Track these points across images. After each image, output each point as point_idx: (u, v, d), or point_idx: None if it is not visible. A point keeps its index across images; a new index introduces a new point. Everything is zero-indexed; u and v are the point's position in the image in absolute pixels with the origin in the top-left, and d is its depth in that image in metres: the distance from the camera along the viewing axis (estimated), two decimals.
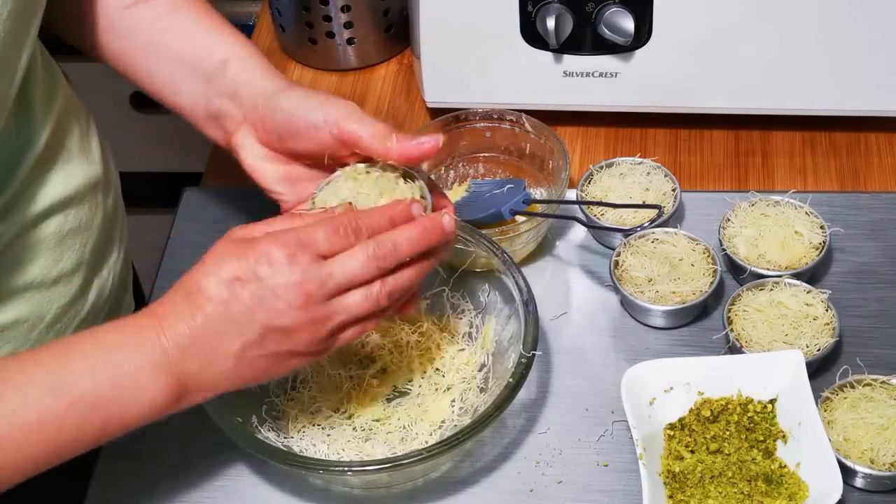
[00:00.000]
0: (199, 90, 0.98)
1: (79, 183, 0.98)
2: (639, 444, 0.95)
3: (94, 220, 1.00)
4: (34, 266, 0.95)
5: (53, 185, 0.95)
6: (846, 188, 1.20)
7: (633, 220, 1.12)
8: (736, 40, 1.16)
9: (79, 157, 0.99)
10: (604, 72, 1.20)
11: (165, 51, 0.99)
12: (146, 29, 0.99)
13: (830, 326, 1.02)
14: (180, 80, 0.99)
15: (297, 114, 0.92)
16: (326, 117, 0.91)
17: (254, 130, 0.95)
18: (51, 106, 0.96)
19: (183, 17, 1.00)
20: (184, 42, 0.99)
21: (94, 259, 1.01)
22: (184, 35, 0.99)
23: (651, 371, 0.99)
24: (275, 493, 0.99)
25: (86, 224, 0.99)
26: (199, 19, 1.00)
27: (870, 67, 1.17)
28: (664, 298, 1.06)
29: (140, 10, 0.99)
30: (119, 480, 1.00)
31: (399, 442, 0.99)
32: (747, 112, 1.23)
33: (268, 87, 0.95)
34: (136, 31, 0.99)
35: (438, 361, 1.04)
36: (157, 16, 0.99)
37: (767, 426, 0.98)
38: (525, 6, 1.16)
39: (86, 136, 1.01)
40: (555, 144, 1.14)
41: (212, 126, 0.98)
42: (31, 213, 0.94)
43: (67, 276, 0.98)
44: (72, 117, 1.00)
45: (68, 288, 0.98)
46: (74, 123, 1.00)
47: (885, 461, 0.94)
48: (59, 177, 0.96)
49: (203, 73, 0.97)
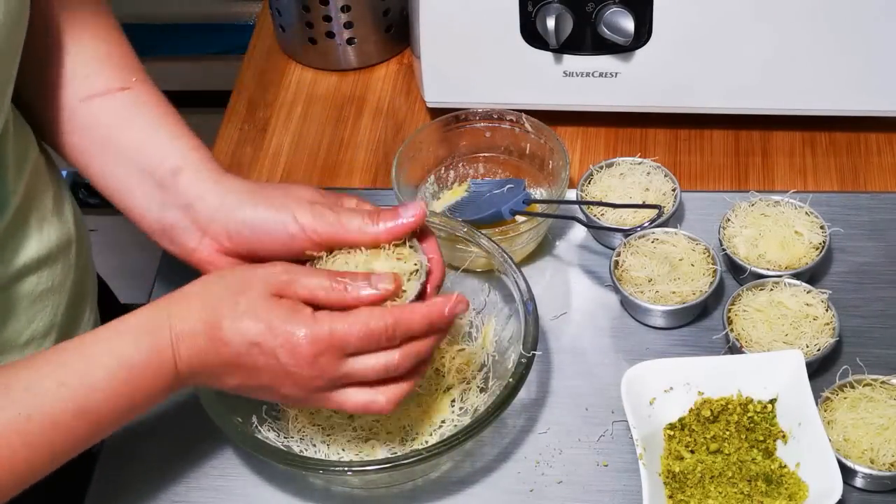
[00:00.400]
0: (152, 198, 0.95)
1: (52, 244, 0.97)
2: (639, 444, 0.95)
3: (66, 281, 0.99)
4: (6, 328, 0.94)
5: (27, 246, 0.95)
6: (846, 188, 1.20)
7: (633, 220, 1.12)
8: (736, 40, 1.16)
9: (51, 218, 0.98)
10: (604, 72, 1.20)
11: (119, 151, 0.96)
12: (103, 124, 0.96)
13: (830, 326, 1.02)
14: (133, 186, 0.95)
15: (268, 227, 0.90)
16: (304, 225, 0.89)
17: (215, 244, 0.93)
18: (22, 169, 0.95)
19: (140, 114, 0.96)
20: (138, 144, 0.95)
21: (66, 321, 1.00)
22: (139, 137, 0.96)
23: (651, 371, 0.99)
24: (275, 493, 0.99)
25: (59, 285, 0.98)
26: (156, 120, 0.97)
27: (870, 67, 1.17)
28: (664, 298, 1.06)
29: (98, 104, 0.96)
30: (119, 480, 1.00)
31: (399, 442, 0.99)
32: (747, 112, 1.23)
33: (226, 202, 0.92)
34: (93, 127, 0.96)
35: (438, 361, 1.04)
36: (114, 111, 0.96)
37: (767, 426, 0.98)
38: (525, 6, 1.16)
39: (58, 196, 1.00)
40: (555, 144, 1.14)
41: (165, 239, 0.96)
42: (4, 276, 0.93)
43: (39, 339, 0.97)
44: (43, 179, 0.98)
45: (43, 346, 0.97)
46: (47, 185, 0.99)
47: (885, 461, 0.94)
48: (33, 238, 0.95)
49: (155, 181, 0.94)
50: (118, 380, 0.82)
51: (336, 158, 1.27)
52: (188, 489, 0.99)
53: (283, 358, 0.84)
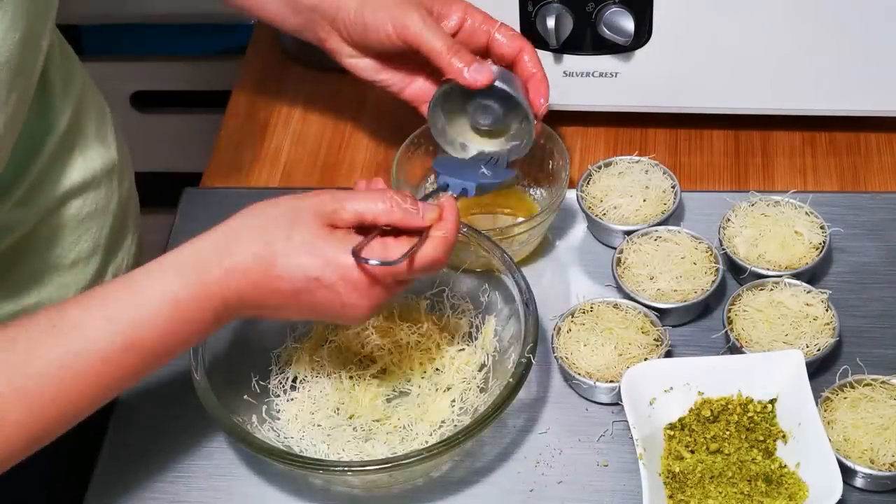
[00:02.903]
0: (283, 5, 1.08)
1: (97, 167, 1.00)
2: (639, 444, 0.95)
3: (110, 205, 1.03)
4: (54, 250, 0.98)
5: (73, 169, 0.98)
6: (846, 188, 1.20)
7: (635, 218, 1.12)
8: (736, 40, 1.16)
9: (96, 143, 1.01)
10: (604, 72, 1.20)
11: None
12: None
13: (830, 326, 1.02)
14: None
15: (377, 28, 1.03)
16: (407, 36, 1.01)
17: (339, 35, 1.06)
18: (69, 92, 0.98)
19: None
20: None
21: (109, 243, 1.03)
22: None
23: (651, 371, 0.99)
24: (275, 493, 0.99)
25: (102, 208, 1.01)
26: None
27: (870, 67, 1.17)
28: (665, 296, 1.06)
29: None
30: (119, 480, 1.00)
31: (399, 442, 0.99)
32: (747, 112, 1.23)
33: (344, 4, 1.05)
34: None
35: (438, 361, 1.04)
36: None
37: (767, 426, 0.98)
38: (525, 6, 1.16)
39: (102, 122, 1.04)
40: (555, 144, 1.14)
41: (307, 32, 1.09)
42: (52, 198, 0.96)
43: (85, 259, 1.00)
44: (89, 104, 1.02)
45: (86, 271, 1.01)
46: (91, 110, 1.02)
47: (885, 461, 0.94)
48: (78, 162, 0.98)
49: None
50: (164, 315, 0.84)
51: (336, 158, 1.27)
52: (188, 489, 0.99)
53: (343, 290, 0.87)
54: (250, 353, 1.02)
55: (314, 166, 1.26)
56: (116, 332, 0.83)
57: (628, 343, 1.02)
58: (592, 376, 1.01)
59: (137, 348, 0.84)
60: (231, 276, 0.86)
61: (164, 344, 0.85)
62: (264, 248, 0.86)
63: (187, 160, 1.80)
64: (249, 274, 0.86)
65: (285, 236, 0.87)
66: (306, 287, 0.87)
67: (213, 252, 0.87)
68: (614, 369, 1.01)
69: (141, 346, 0.84)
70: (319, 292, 0.87)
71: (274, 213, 0.88)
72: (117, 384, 0.85)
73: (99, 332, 0.83)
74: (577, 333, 1.03)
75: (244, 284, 0.86)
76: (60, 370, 0.81)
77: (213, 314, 0.87)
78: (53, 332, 0.82)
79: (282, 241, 0.87)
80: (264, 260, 0.86)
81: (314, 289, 0.87)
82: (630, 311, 1.05)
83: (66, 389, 0.82)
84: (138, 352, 0.84)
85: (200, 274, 0.86)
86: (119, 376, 0.85)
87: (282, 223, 0.87)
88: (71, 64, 1.01)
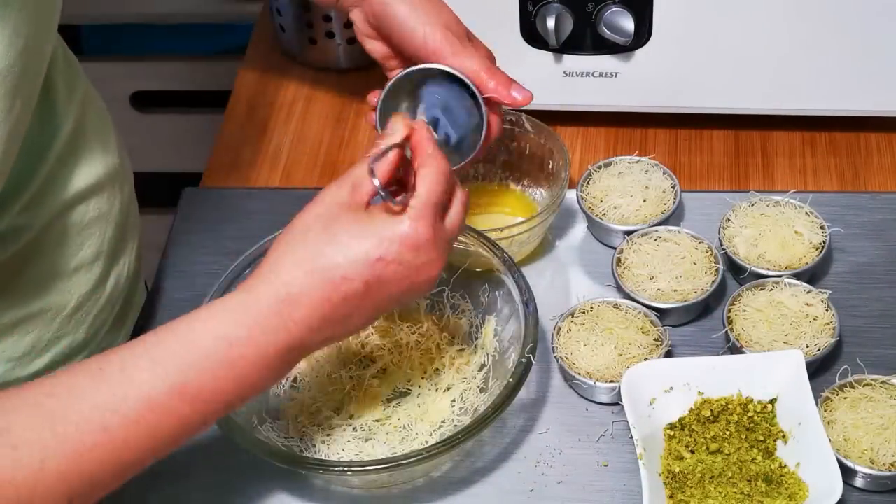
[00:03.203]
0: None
1: (100, 173, 1.00)
2: (639, 444, 0.95)
3: (112, 210, 1.02)
4: (58, 256, 0.97)
5: (77, 175, 0.98)
6: (846, 188, 1.20)
7: (635, 218, 1.12)
8: (736, 40, 1.16)
9: (99, 148, 1.01)
10: (604, 72, 1.20)
11: None
12: None
13: (830, 326, 1.02)
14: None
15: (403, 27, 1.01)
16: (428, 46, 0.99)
17: (364, 14, 1.04)
18: (72, 98, 0.98)
19: None
20: None
21: (112, 249, 1.03)
22: None
23: (651, 371, 0.99)
24: (275, 493, 0.99)
25: (105, 214, 1.01)
26: None
27: (870, 67, 1.17)
28: (665, 296, 1.06)
29: None
30: None
31: (399, 442, 0.99)
32: (747, 112, 1.23)
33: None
34: None
35: (438, 361, 1.04)
36: None
37: (767, 426, 0.98)
38: (525, 6, 1.16)
39: (105, 127, 1.04)
40: (555, 144, 1.14)
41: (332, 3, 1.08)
42: (56, 204, 0.96)
43: (88, 265, 1.00)
44: (91, 109, 1.02)
45: (88, 277, 1.00)
46: (94, 115, 1.02)
47: (885, 461, 0.94)
48: (82, 167, 0.98)
49: None
50: (216, 357, 0.80)
51: (336, 158, 1.27)
52: (188, 489, 0.99)
53: (409, 255, 0.84)
54: None
55: (314, 166, 1.26)
56: (163, 376, 0.78)
57: (628, 343, 1.02)
58: (592, 376, 1.01)
59: (188, 393, 0.79)
60: (292, 306, 0.82)
61: (217, 389, 0.80)
62: (317, 260, 0.83)
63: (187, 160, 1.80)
64: (312, 295, 0.82)
65: (328, 239, 0.83)
66: (373, 274, 0.83)
67: (263, 286, 0.82)
68: (614, 369, 1.01)
69: (191, 390, 0.79)
70: (388, 271, 0.83)
71: (302, 230, 0.85)
72: (167, 434, 0.80)
73: (145, 374, 0.78)
74: (577, 333, 1.03)
75: (309, 310, 0.82)
76: (104, 415, 0.76)
77: (274, 352, 0.82)
78: (101, 376, 0.78)
79: (329, 246, 0.83)
80: (322, 271, 0.82)
81: (381, 271, 0.83)
82: (630, 311, 1.05)
83: (111, 437, 0.76)
84: (190, 398, 0.79)
85: (252, 310, 0.81)
86: (169, 424, 0.79)
87: (317, 231, 0.84)
88: (73, 69, 1.01)
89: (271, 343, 0.82)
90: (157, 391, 0.78)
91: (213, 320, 0.81)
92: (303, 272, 0.82)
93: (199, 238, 1.18)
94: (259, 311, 0.82)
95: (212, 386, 0.80)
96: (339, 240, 0.83)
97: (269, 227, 1.04)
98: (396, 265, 0.84)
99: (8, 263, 0.93)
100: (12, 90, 0.82)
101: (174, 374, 0.79)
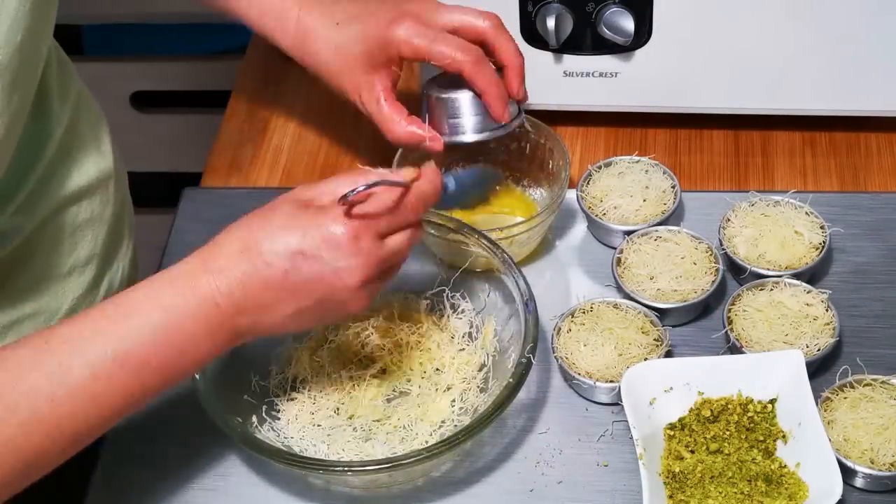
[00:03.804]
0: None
1: (92, 175, 1.00)
2: (639, 444, 0.95)
3: (105, 212, 1.02)
4: (51, 258, 0.97)
5: (70, 177, 0.98)
6: (846, 188, 1.20)
7: (635, 218, 1.12)
8: (736, 40, 1.16)
9: (92, 150, 1.01)
10: (604, 72, 1.20)
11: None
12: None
13: (830, 326, 1.02)
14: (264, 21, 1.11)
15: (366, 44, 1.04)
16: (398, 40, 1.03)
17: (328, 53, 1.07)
18: (65, 100, 0.98)
19: None
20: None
21: (105, 251, 1.03)
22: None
23: (651, 371, 0.99)
24: (275, 493, 0.99)
25: (98, 216, 1.01)
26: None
27: (870, 67, 1.17)
28: (665, 296, 1.06)
29: None
30: (119, 481, 1.00)
31: (399, 442, 0.99)
32: (747, 112, 1.23)
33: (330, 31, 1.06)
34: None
35: (438, 361, 1.04)
36: None
37: (767, 426, 0.98)
38: (525, 6, 1.16)
39: (98, 129, 1.04)
40: (555, 144, 1.14)
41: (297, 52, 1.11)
42: (49, 205, 0.96)
43: (81, 268, 1.00)
44: (85, 111, 1.02)
45: (82, 280, 1.00)
46: (88, 117, 1.02)
47: (885, 461, 0.94)
48: (75, 169, 0.98)
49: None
50: (153, 325, 0.83)
51: (336, 158, 1.27)
52: (188, 489, 0.99)
53: (327, 254, 0.85)
54: (250, 353, 1.02)
55: (314, 166, 1.26)
56: (105, 344, 0.81)
57: (628, 343, 1.02)
58: (592, 376, 1.01)
59: (129, 362, 0.82)
60: (218, 276, 0.84)
61: (157, 357, 0.83)
62: (247, 238, 0.85)
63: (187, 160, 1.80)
64: (236, 268, 0.84)
65: (264, 223, 0.86)
66: (293, 265, 0.85)
67: (198, 260, 0.86)
68: (614, 369, 1.01)
69: (133, 358, 0.82)
70: (305, 267, 0.85)
71: (251, 214, 0.88)
72: (112, 403, 0.82)
73: (87, 344, 0.81)
74: (577, 333, 1.03)
75: (233, 283, 0.84)
76: (50, 385, 0.79)
77: (205, 323, 0.84)
78: (45, 349, 0.80)
79: (262, 228, 0.86)
80: (248, 248, 0.85)
81: (300, 263, 0.85)
82: (630, 311, 1.05)
83: (57, 406, 0.79)
84: (131, 366, 0.82)
85: (187, 280, 0.84)
86: (113, 394, 0.82)
87: (259, 215, 0.87)
88: (67, 72, 1.01)
89: (202, 316, 0.84)
90: (100, 360, 0.81)
91: (152, 291, 0.84)
92: (234, 249, 0.85)
93: (199, 238, 1.17)
94: (192, 281, 0.84)
95: (153, 352, 0.83)
96: (271, 227, 0.86)
97: None
98: (314, 261, 0.85)
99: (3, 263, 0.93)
100: (10, 85, 0.82)
101: (116, 343, 0.81)
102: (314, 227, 0.85)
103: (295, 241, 0.85)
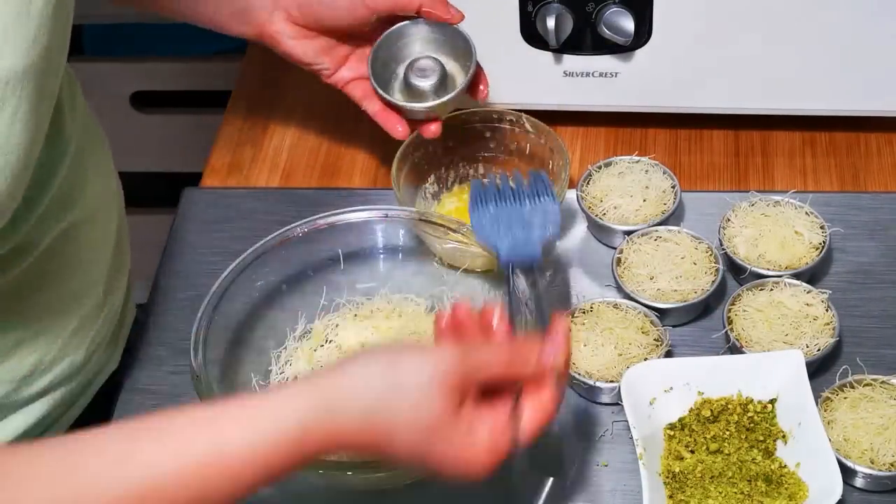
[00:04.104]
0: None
1: (100, 193, 0.99)
2: (639, 444, 0.95)
3: (111, 230, 1.02)
4: (63, 275, 0.96)
5: (79, 198, 0.96)
6: (846, 188, 1.20)
7: (635, 218, 1.12)
8: (736, 40, 1.16)
9: (100, 168, 1.00)
10: (604, 72, 1.20)
11: None
12: None
13: (830, 326, 1.02)
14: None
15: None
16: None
17: (286, 14, 1.07)
18: (75, 117, 0.97)
19: None
20: None
21: (112, 267, 1.02)
22: None
23: (651, 371, 0.99)
24: (275, 493, 0.99)
25: (106, 234, 1.01)
26: None
27: (870, 67, 1.17)
28: (665, 296, 1.06)
29: None
30: None
31: None
32: (747, 112, 1.23)
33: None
34: None
35: None
36: None
37: (767, 426, 0.98)
38: (525, 6, 1.16)
39: (102, 148, 1.03)
40: (555, 144, 1.14)
41: (238, 22, 1.08)
42: (64, 222, 0.95)
43: (91, 285, 0.99)
44: (90, 128, 1.01)
45: (91, 296, 0.99)
46: (93, 135, 1.01)
47: (885, 461, 0.95)
48: (86, 187, 0.97)
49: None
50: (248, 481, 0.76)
51: (336, 158, 1.27)
52: None
53: (461, 467, 0.81)
54: (250, 353, 1.02)
55: (314, 166, 1.26)
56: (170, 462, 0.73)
57: (628, 343, 1.02)
58: (592, 376, 1.01)
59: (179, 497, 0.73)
60: (331, 435, 0.76)
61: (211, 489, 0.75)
62: (382, 421, 0.76)
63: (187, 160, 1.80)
64: (355, 438, 0.76)
65: (404, 409, 0.76)
66: (414, 458, 0.79)
67: (321, 408, 0.76)
68: (614, 369, 1.01)
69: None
70: (435, 451, 0.79)
71: (395, 373, 0.77)
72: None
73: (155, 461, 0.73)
74: (577, 333, 1.03)
75: (341, 439, 0.77)
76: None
77: (280, 468, 0.77)
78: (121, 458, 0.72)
79: (401, 415, 0.76)
80: (376, 432, 0.76)
81: (426, 449, 0.79)
82: (630, 311, 1.05)
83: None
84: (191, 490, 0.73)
85: (295, 447, 0.76)
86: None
87: (403, 392, 0.76)
88: (73, 86, 1.00)
89: (283, 458, 0.77)
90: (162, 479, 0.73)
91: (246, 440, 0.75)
92: (359, 430, 0.76)
93: (199, 238, 1.18)
94: (300, 449, 0.76)
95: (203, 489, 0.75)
96: (416, 426, 0.77)
97: (268, 227, 1.05)
98: (443, 461, 0.80)
99: (15, 282, 0.92)
100: (38, 89, 0.79)
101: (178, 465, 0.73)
102: (463, 428, 0.78)
103: (436, 420, 0.77)
